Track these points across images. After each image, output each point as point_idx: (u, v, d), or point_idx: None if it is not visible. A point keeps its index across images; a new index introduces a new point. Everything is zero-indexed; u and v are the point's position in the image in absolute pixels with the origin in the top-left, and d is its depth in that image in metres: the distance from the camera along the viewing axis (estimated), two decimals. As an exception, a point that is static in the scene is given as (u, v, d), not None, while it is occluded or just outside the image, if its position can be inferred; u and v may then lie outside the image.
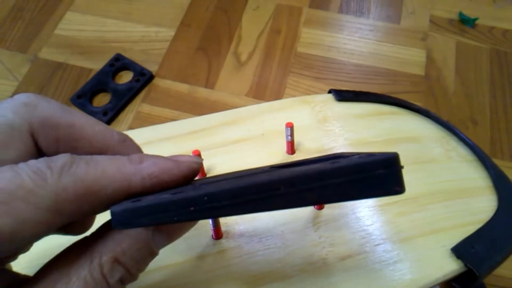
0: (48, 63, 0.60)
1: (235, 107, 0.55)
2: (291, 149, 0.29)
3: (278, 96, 0.56)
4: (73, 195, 0.14)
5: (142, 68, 0.58)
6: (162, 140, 0.31)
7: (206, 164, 0.28)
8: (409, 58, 0.59)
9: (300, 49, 0.60)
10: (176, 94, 0.57)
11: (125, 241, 0.15)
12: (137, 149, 0.18)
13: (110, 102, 0.56)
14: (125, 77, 0.59)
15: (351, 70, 0.58)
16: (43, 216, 0.13)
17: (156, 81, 0.58)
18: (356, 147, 0.30)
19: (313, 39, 0.61)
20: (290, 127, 0.28)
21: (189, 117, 0.54)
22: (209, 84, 0.58)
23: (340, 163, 0.14)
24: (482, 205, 0.27)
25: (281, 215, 0.25)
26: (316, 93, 0.56)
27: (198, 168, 0.17)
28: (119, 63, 0.59)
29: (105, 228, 0.16)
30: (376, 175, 0.15)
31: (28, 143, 0.16)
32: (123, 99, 0.56)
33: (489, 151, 0.52)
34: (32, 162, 0.14)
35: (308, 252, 0.24)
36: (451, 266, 0.23)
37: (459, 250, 0.24)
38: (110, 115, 0.54)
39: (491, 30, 0.61)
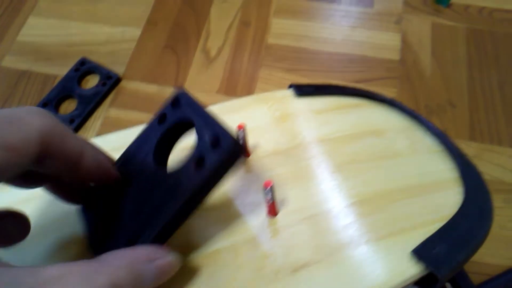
0: (12, 72, 0.58)
1: (206, 105, 0.53)
2: (246, 151, 0.27)
3: (250, 91, 0.54)
4: (52, 131, 0.18)
5: (109, 71, 0.56)
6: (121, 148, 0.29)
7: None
8: (384, 43, 0.57)
9: (271, 40, 0.58)
10: (145, 95, 0.55)
11: (122, 269, 0.17)
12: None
13: (76, 108, 0.54)
14: (92, 82, 0.57)
15: (325, 59, 0.56)
16: (35, 137, 0.18)
17: (124, 83, 0.56)
18: (313, 145, 0.28)
19: (284, 29, 0.59)
20: (241, 129, 0.26)
21: (159, 119, 0.53)
22: (178, 83, 0.56)
23: (208, 167, 0.20)
24: (447, 200, 0.25)
25: (231, 224, 0.24)
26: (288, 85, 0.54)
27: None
28: (84, 67, 0.57)
29: (106, 256, 0.18)
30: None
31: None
32: (90, 105, 0.54)
33: (468, 133, 0.50)
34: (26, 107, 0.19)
35: (259, 265, 0.22)
36: (411, 271, 0.22)
37: (419, 253, 0.22)
38: (77, 122, 0.53)
39: (467, 9, 0.60)
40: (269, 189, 0.23)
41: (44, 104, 0.54)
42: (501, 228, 0.45)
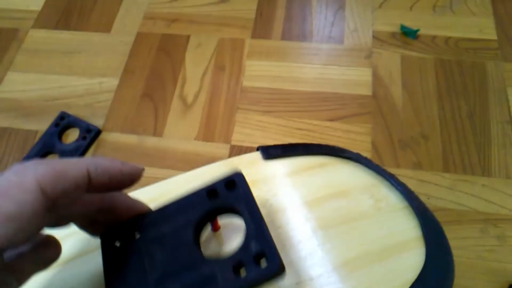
0: (-7, 122, 0.59)
1: (185, 153, 0.55)
2: (215, 226, 0.28)
3: (227, 136, 0.55)
4: (49, 177, 0.19)
5: (88, 124, 0.57)
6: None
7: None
8: (356, 79, 0.59)
9: (246, 83, 0.60)
10: (125, 146, 0.56)
11: None
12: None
13: (57, 164, 0.55)
14: (72, 136, 0.58)
15: (299, 98, 0.58)
16: (33, 196, 0.18)
17: (104, 135, 0.57)
18: (281, 213, 0.29)
19: (258, 71, 0.61)
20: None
21: (140, 169, 0.54)
22: (157, 131, 0.57)
23: (248, 280, 0.21)
24: (410, 262, 0.26)
25: None
26: (265, 127, 0.56)
27: (139, 173, 0.23)
28: (64, 121, 0.58)
29: None
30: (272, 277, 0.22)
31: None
32: (71, 160, 0.54)
33: (442, 165, 0.52)
34: (12, 167, 0.19)
35: None
36: None
37: (382, 325, 0.23)
38: (59, 179, 0.53)
39: (433, 40, 0.62)
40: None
41: (25, 162, 0.55)
42: (479, 258, 0.46)
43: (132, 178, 0.23)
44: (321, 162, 0.33)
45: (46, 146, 0.56)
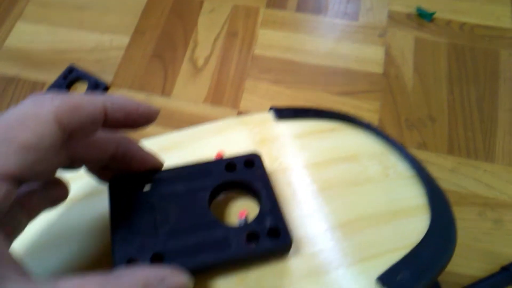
0: (0, 78, 0.58)
1: (192, 115, 0.55)
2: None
3: (235, 102, 0.55)
4: (65, 110, 0.19)
5: (96, 80, 0.57)
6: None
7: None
8: (368, 56, 0.59)
9: (258, 51, 0.59)
10: (132, 104, 0.56)
11: (134, 286, 0.18)
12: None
13: (64, 117, 0.54)
14: (80, 89, 0.57)
15: (310, 71, 0.58)
16: (49, 127, 0.18)
17: (112, 91, 0.57)
18: (290, 172, 0.29)
19: (270, 41, 0.60)
20: (220, 158, 0.27)
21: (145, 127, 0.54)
22: (166, 92, 0.56)
23: (261, 248, 0.23)
24: (414, 227, 0.27)
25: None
26: (274, 96, 0.56)
27: (155, 114, 0.23)
28: (72, 75, 0.58)
29: (120, 272, 0.19)
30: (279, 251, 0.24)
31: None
32: (77, 113, 0.54)
33: (446, 147, 0.52)
34: (29, 98, 0.19)
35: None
36: (376, 297, 0.23)
37: (384, 279, 0.23)
38: (64, 131, 0.53)
39: (448, 24, 0.61)
40: (244, 219, 0.24)
41: (31, 112, 0.55)
42: (475, 240, 0.47)
43: (148, 118, 0.23)
44: (332, 126, 0.33)
45: (53, 98, 0.56)
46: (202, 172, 0.26)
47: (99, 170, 0.25)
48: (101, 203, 0.27)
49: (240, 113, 0.54)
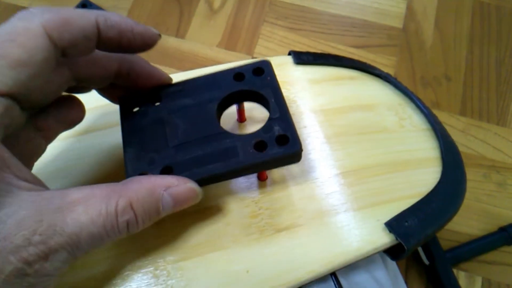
0: (11, 7, 0.57)
1: (206, 59, 0.54)
2: (242, 116, 0.29)
3: (250, 48, 0.54)
4: (55, 24, 0.18)
5: (110, 15, 0.56)
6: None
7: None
8: (388, 9, 0.57)
9: (276, -4, 0.57)
10: (145, 43, 0.55)
11: (141, 192, 0.19)
12: None
13: (76, 51, 0.54)
14: (92, 24, 0.56)
15: (327, 20, 0.56)
16: (40, 42, 0.18)
17: (125, 29, 0.56)
18: (307, 115, 0.29)
19: (290, -14, 0.58)
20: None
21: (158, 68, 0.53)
22: (180, 33, 0.55)
23: (268, 155, 0.22)
24: (425, 178, 0.27)
25: (224, 184, 0.26)
26: (289, 44, 0.55)
27: (153, 37, 0.22)
28: (86, 9, 0.56)
29: (127, 181, 0.20)
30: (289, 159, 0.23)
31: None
32: (89, 48, 0.54)
33: (459, 108, 0.52)
34: (17, 14, 0.19)
35: (246, 223, 0.24)
36: (383, 240, 0.24)
37: (392, 225, 0.24)
38: (76, 65, 0.53)
39: (476, -20, 0.59)
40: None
41: (43, 44, 0.54)
42: (476, 200, 0.48)
43: (145, 41, 0.21)
44: (351, 75, 0.33)
45: (65, 31, 0.55)
46: (210, 84, 0.25)
47: (108, 90, 0.24)
48: (116, 134, 0.27)
49: (254, 58, 0.53)
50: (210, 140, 0.23)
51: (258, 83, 0.25)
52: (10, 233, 0.15)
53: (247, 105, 0.27)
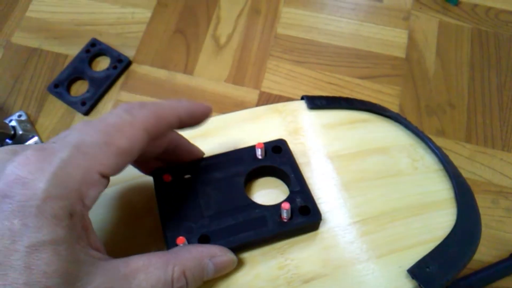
0: (22, 49, 0.59)
1: (214, 94, 0.55)
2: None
3: (257, 82, 0.56)
4: (152, 120, 0.21)
5: (119, 54, 0.57)
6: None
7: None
8: (391, 39, 0.58)
9: (280, 30, 0.59)
10: (155, 80, 0.56)
11: (192, 261, 0.21)
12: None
13: (88, 91, 0.55)
14: (102, 63, 0.58)
15: (332, 53, 0.58)
16: (141, 136, 0.20)
17: (134, 67, 0.57)
18: (324, 162, 0.30)
19: (293, 20, 0.60)
20: (260, 148, 0.28)
21: (169, 105, 0.54)
22: (188, 69, 0.57)
23: (294, 224, 0.25)
24: (442, 220, 0.28)
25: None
26: (296, 78, 0.56)
27: (211, 111, 0.25)
28: (95, 48, 0.58)
29: (178, 249, 0.22)
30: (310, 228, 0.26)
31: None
32: (101, 88, 0.55)
33: (464, 135, 0.53)
34: (121, 107, 0.21)
35: (274, 275, 0.25)
36: (406, 287, 0.25)
37: (414, 271, 0.25)
38: (88, 105, 0.54)
39: (474, 8, 0.60)
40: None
41: (55, 85, 0.55)
42: (486, 227, 0.49)
43: (205, 118, 0.25)
44: (363, 117, 0.34)
45: (77, 71, 0.56)
46: (236, 159, 0.28)
47: (142, 162, 0.26)
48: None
49: (262, 93, 0.55)
50: (240, 211, 0.25)
51: (277, 160, 0.28)
52: None
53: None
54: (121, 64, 0.56)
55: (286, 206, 0.25)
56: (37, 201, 0.17)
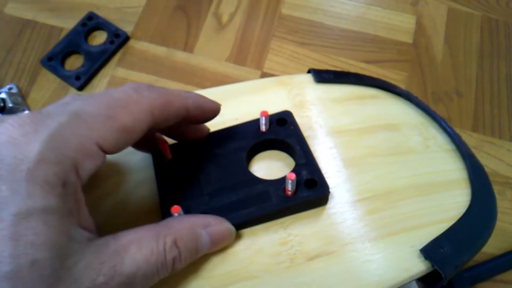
0: (15, 20, 0.56)
1: (215, 73, 0.53)
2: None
3: (259, 62, 0.54)
4: (159, 103, 0.20)
5: (117, 29, 0.55)
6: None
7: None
8: (398, 24, 0.57)
9: (285, 11, 0.57)
10: (153, 57, 0.54)
11: (183, 231, 0.20)
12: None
13: (83, 65, 0.53)
14: (99, 38, 0.56)
15: (338, 35, 0.56)
16: (145, 116, 0.19)
17: (132, 42, 0.55)
18: (332, 136, 0.29)
19: (298, 0, 0.58)
20: (264, 116, 0.26)
21: (167, 83, 0.52)
22: (188, 47, 0.55)
23: (300, 198, 0.23)
24: (455, 201, 0.27)
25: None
26: (299, 59, 0.54)
27: (219, 109, 0.24)
28: (92, 22, 0.56)
29: (169, 220, 0.21)
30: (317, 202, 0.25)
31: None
32: (97, 63, 0.53)
33: (471, 124, 0.51)
34: (128, 85, 0.20)
35: (276, 251, 0.23)
36: (418, 267, 0.23)
37: (428, 251, 0.23)
38: (83, 80, 0.52)
39: (485, -5, 0.59)
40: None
41: (49, 58, 0.53)
42: (490, 218, 0.47)
43: (215, 115, 0.24)
44: (373, 94, 0.32)
45: (72, 45, 0.54)
46: (237, 134, 0.27)
47: (142, 142, 0.25)
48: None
49: (264, 74, 0.53)
50: (242, 186, 0.24)
51: (282, 132, 0.27)
52: (79, 276, 0.16)
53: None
54: (118, 39, 0.54)
55: (291, 176, 0.23)
56: (28, 164, 0.16)
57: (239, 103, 0.31)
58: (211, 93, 0.31)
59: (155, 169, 0.25)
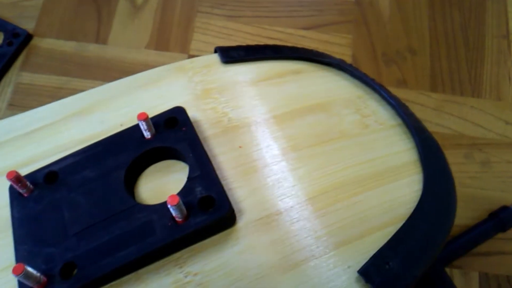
0: None
1: (134, 64, 0.46)
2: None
3: (185, 45, 0.47)
4: None
5: (15, 27, 0.47)
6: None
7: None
8: (337, -19, 0.50)
9: (208, -19, 0.50)
10: (62, 55, 0.47)
11: None
12: None
13: (-23, 75, 0.45)
14: (-5, 40, 0.47)
15: (271, 2, 0.49)
16: None
17: (35, 41, 0.47)
18: (242, 130, 0.22)
19: (223, -33, 0.50)
20: (144, 119, 0.20)
21: (80, 83, 0.45)
22: (101, 38, 0.47)
23: (192, 226, 0.18)
24: (404, 193, 0.21)
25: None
26: (230, 35, 0.47)
27: None
28: (-17, 23, 0.47)
29: None
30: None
31: None
32: (-6, 70, 0.45)
33: (429, 84, 0.46)
34: None
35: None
36: (359, 295, 0.18)
37: (368, 272, 0.18)
38: (-21, 92, 0.44)
39: None
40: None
41: None
42: (461, 185, 0.42)
43: None
44: (295, 68, 0.26)
45: (-38, 53, 0.46)
46: (114, 146, 0.21)
47: None
48: None
49: (191, 57, 0.46)
50: (118, 219, 0.18)
51: (171, 137, 0.21)
52: None
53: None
54: (17, 40, 0.46)
55: (174, 200, 0.17)
56: None
57: (127, 102, 0.24)
58: (86, 98, 0.24)
59: (11, 209, 0.20)
